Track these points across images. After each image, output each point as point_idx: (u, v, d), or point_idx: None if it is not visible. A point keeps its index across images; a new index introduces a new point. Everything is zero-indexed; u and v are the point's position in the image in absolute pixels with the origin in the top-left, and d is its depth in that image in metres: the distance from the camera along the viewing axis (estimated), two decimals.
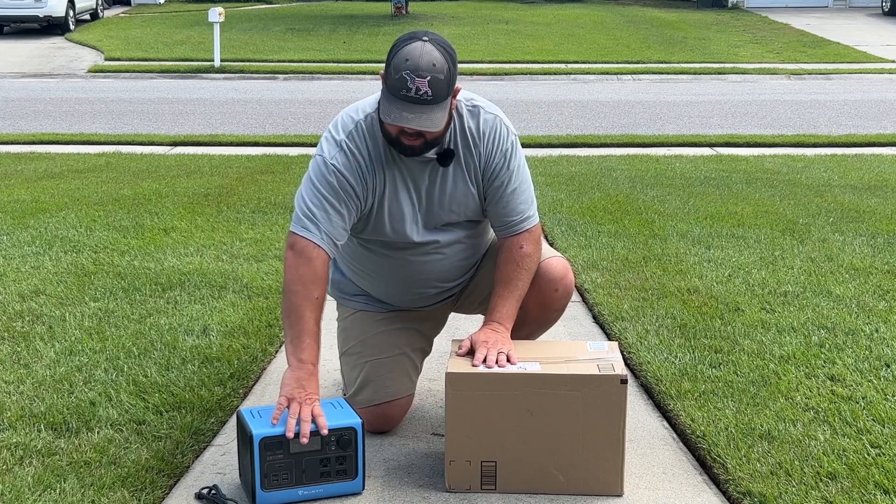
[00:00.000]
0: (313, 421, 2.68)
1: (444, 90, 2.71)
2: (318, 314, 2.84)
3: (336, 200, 2.87)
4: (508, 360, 2.78)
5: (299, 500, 2.70)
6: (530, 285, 3.06)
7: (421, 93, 2.68)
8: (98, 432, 3.05)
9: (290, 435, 2.64)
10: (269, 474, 2.65)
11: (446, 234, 3.03)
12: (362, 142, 2.90)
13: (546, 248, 3.19)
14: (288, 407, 2.70)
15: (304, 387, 2.74)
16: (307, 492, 2.70)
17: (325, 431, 2.68)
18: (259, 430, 2.64)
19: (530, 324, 3.16)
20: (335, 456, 2.70)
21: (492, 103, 3.04)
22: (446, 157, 2.91)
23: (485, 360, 2.77)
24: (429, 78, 2.67)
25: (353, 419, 2.74)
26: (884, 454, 2.88)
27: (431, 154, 2.90)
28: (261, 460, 2.63)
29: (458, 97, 2.95)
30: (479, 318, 3.72)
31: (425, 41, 2.72)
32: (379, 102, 2.81)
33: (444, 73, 2.70)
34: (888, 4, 25.84)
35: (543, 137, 10.31)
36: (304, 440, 2.65)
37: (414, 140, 2.80)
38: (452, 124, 2.92)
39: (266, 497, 2.66)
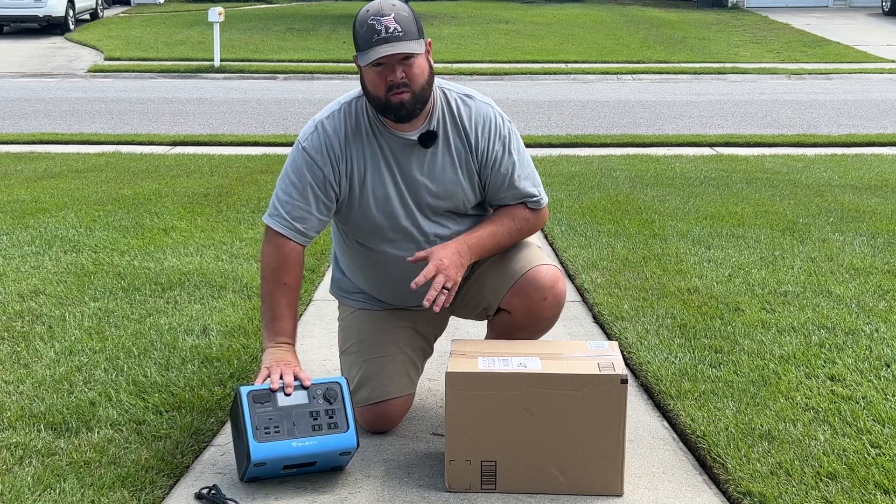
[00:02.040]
0: (296, 378, 2.79)
1: (411, 26, 2.81)
2: (291, 298, 2.97)
3: (303, 185, 2.94)
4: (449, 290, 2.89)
5: (293, 452, 2.71)
6: (518, 292, 3.06)
7: (391, 30, 2.78)
8: (98, 432, 3.05)
9: (275, 387, 2.75)
10: (260, 426, 2.70)
11: (437, 227, 3.02)
12: (341, 122, 2.95)
13: (538, 254, 3.16)
14: (269, 375, 2.81)
15: (282, 358, 2.87)
16: (300, 443, 2.71)
17: (307, 383, 2.78)
18: (245, 388, 2.76)
19: (522, 331, 3.13)
20: (324, 409, 2.76)
21: (484, 95, 3.07)
22: (428, 138, 2.93)
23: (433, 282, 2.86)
24: (392, 15, 2.79)
25: (337, 377, 2.85)
26: (884, 454, 2.88)
27: (413, 136, 2.92)
28: (250, 412, 2.70)
29: (450, 87, 3.00)
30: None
31: None
32: (360, 70, 2.87)
33: (406, 11, 2.83)
34: (888, 4, 25.84)
35: (543, 137, 10.32)
36: (289, 390, 2.75)
37: (402, 94, 2.83)
38: (441, 110, 2.95)
39: (260, 448, 2.68)
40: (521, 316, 3.10)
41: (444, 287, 2.88)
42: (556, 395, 2.69)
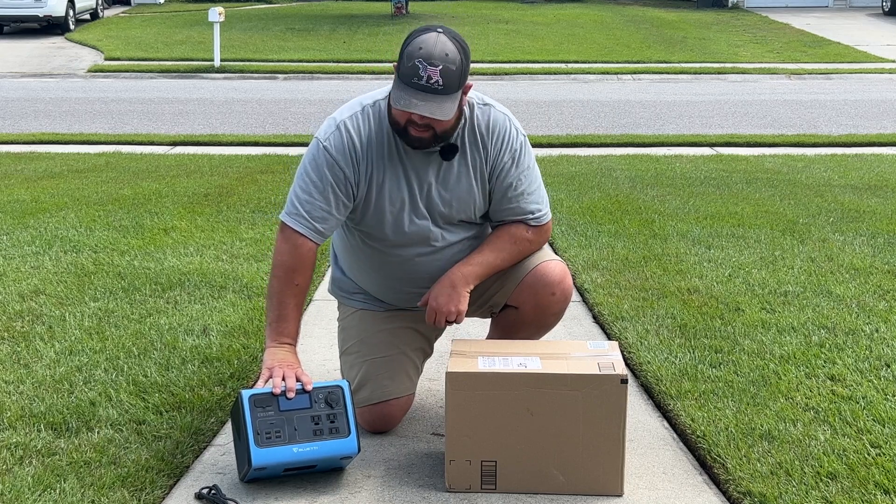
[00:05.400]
0: (298, 381, 2.78)
1: (455, 82, 2.75)
2: (300, 299, 2.96)
3: (323, 185, 2.91)
4: (456, 321, 3.00)
5: (294, 458, 2.71)
6: (527, 288, 3.08)
7: (432, 81, 2.71)
8: (98, 432, 3.05)
9: (277, 391, 2.74)
10: (261, 431, 2.69)
11: (445, 233, 3.03)
12: (365, 125, 2.92)
13: (545, 251, 3.19)
14: (271, 376, 2.80)
15: (284, 359, 2.86)
16: (301, 449, 2.71)
17: (309, 387, 2.77)
18: (247, 391, 2.75)
19: (528, 327, 3.15)
20: (325, 414, 2.75)
21: (504, 106, 3.06)
22: (449, 151, 2.93)
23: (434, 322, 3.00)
24: (441, 67, 2.71)
25: (339, 381, 2.84)
26: (884, 454, 2.88)
27: (434, 147, 2.91)
28: (252, 417, 2.69)
29: (470, 95, 2.97)
30: (479, 319, 3.72)
31: (440, 33, 2.78)
32: (390, 91, 2.83)
33: (456, 64, 2.74)
34: (888, 4, 25.83)
35: (543, 137, 10.32)
36: (291, 394, 2.74)
37: (423, 132, 2.82)
38: (462, 121, 2.93)
39: (261, 454, 2.67)
40: (529, 311, 3.11)
41: (447, 321, 3.01)
42: (557, 395, 2.69)
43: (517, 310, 3.15)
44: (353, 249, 3.15)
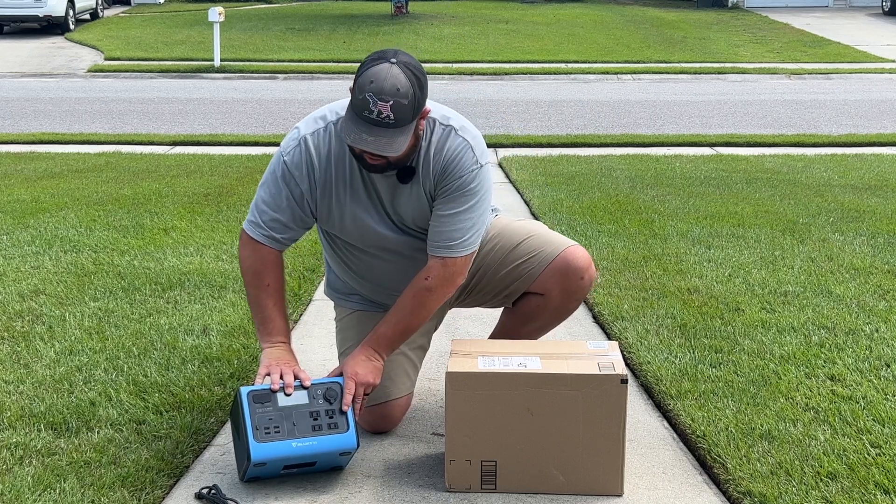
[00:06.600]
0: (296, 377, 2.81)
1: (407, 115, 2.68)
2: (276, 298, 2.99)
3: (280, 197, 2.92)
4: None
5: (293, 452, 2.72)
6: (555, 273, 3.08)
7: (383, 116, 2.65)
8: (98, 432, 3.05)
9: (275, 387, 2.77)
10: (260, 427, 2.71)
11: (420, 242, 3.01)
12: (325, 142, 2.90)
13: (558, 235, 3.20)
14: (269, 375, 2.83)
15: (281, 357, 2.88)
16: (300, 443, 2.72)
17: (307, 384, 2.79)
18: (246, 388, 2.77)
19: (550, 313, 3.16)
20: (324, 409, 2.77)
21: (472, 127, 2.96)
22: (406, 174, 2.89)
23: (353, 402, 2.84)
24: (391, 102, 2.64)
25: (337, 377, 2.86)
26: (884, 454, 2.88)
27: (390, 170, 2.87)
28: (251, 412, 2.72)
29: (436, 115, 2.91)
30: (479, 319, 3.73)
31: (392, 63, 2.69)
32: (343, 118, 2.76)
33: (408, 97, 2.66)
34: (888, 4, 25.84)
35: (543, 137, 10.32)
36: (290, 390, 2.76)
37: (377, 159, 2.78)
38: (422, 141, 2.89)
39: (260, 449, 2.68)
40: (556, 297, 3.12)
41: (365, 393, 2.91)
42: (557, 395, 2.69)
43: (542, 296, 3.14)
44: (339, 257, 3.15)
